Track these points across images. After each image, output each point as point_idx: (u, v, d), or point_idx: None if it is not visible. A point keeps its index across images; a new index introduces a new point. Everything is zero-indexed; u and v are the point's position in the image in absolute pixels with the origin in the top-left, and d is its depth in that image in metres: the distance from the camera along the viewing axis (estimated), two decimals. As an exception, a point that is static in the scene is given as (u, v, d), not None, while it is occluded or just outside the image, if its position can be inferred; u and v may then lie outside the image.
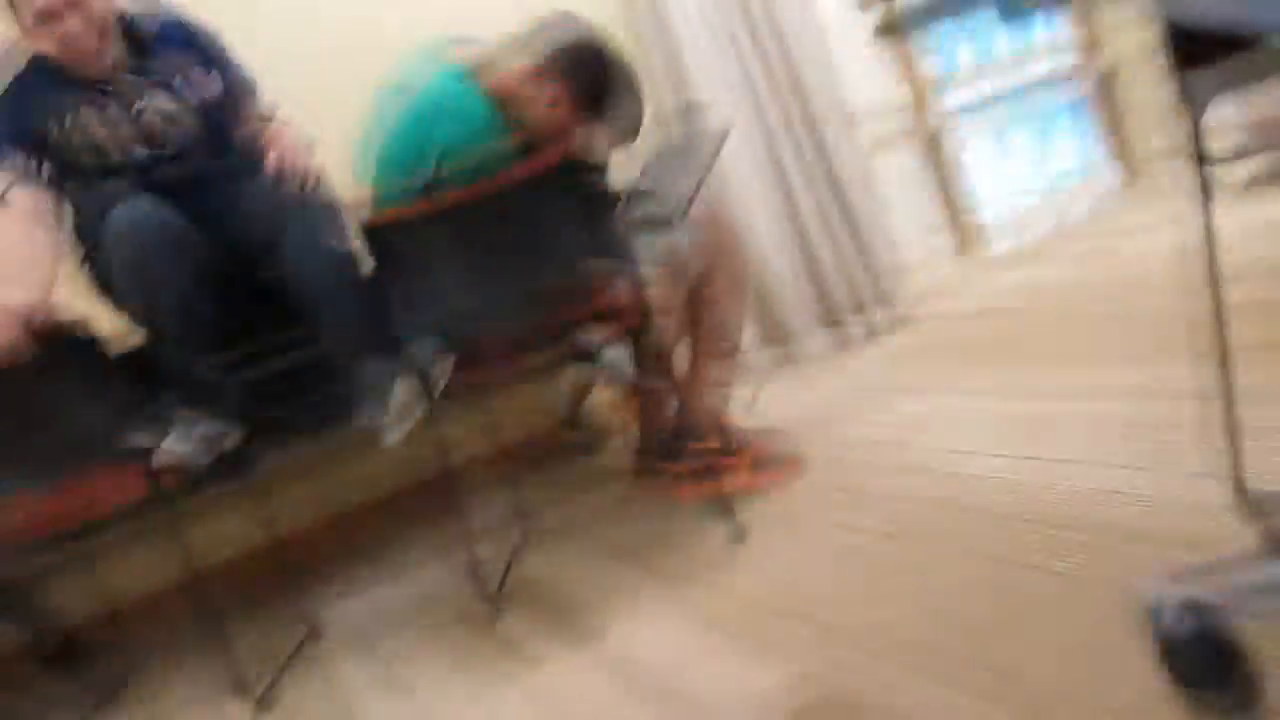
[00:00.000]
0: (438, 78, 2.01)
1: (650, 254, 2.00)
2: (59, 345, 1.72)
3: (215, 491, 2.27)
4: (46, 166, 2.05)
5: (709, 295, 2.12)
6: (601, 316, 2.00)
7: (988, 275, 3.66)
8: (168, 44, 2.18)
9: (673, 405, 2.46)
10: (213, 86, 2.23)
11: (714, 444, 2.03)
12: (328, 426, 2.44)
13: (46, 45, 2.01)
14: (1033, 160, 4.82)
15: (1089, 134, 4.62)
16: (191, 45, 2.23)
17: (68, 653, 2.54)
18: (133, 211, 1.94)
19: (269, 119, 2.33)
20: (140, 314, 1.98)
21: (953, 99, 4.07)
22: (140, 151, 2.14)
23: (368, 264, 2.03)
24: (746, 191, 3.12)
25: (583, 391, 2.99)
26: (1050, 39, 4.47)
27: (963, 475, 1.80)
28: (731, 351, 2.18)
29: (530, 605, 1.92)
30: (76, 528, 1.92)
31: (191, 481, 1.99)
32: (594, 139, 1.97)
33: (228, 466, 2.09)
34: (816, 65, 3.29)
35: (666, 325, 2.01)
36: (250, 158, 2.19)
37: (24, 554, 1.97)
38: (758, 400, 2.62)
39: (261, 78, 2.35)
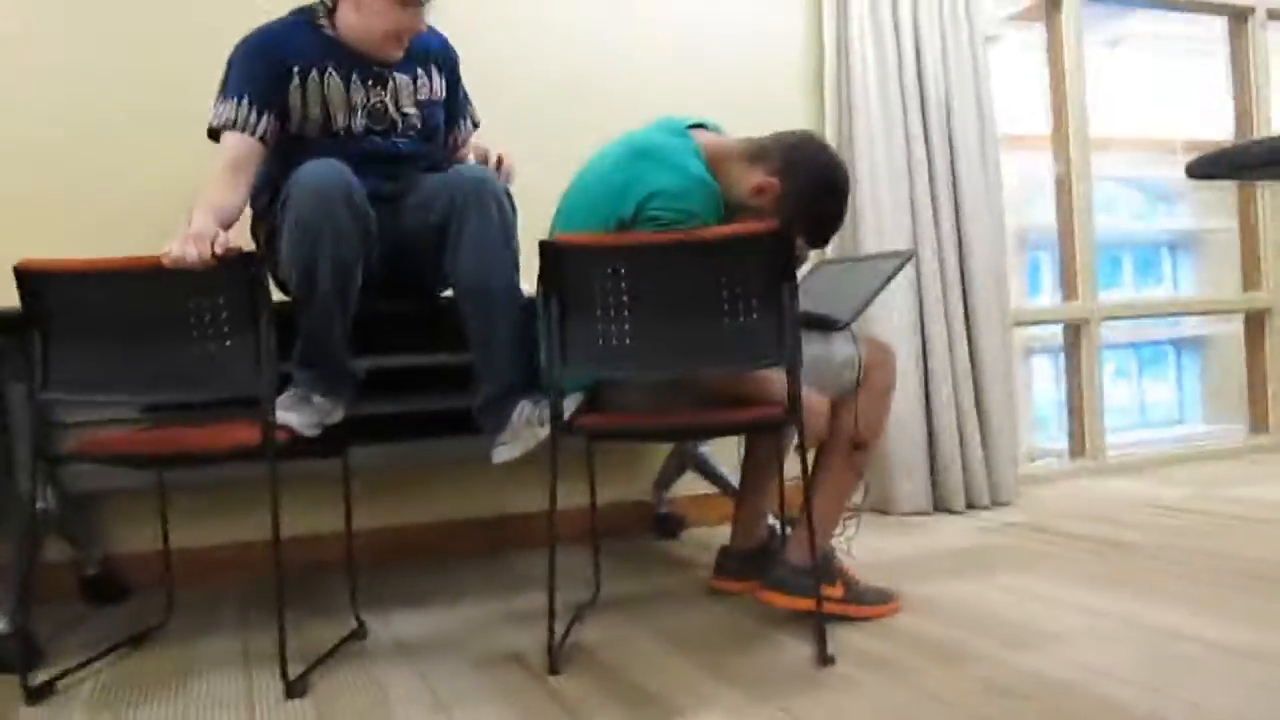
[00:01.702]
0: (668, 135, 2.01)
1: (811, 355, 1.95)
2: (233, 266, 1.73)
3: (311, 462, 2.24)
4: (268, 119, 2.14)
5: (852, 413, 2.05)
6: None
7: (1104, 489, 3.55)
8: (422, 45, 2.31)
9: (770, 516, 2.40)
10: (439, 92, 2.37)
11: (815, 565, 1.93)
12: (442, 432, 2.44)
13: (379, 20, 2.15)
14: (1169, 390, 4.79)
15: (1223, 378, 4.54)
16: (439, 53, 2.37)
17: (112, 582, 2.52)
18: (325, 168, 1.96)
19: (466, 140, 2.50)
20: (295, 271, 1.98)
21: (1108, 321, 3.99)
22: (360, 123, 2.23)
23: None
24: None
25: (679, 471, 2.93)
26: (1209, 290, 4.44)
27: (1066, 675, 1.69)
28: (856, 477, 2.10)
29: (588, 671, 1.83)
30: (175, 455, 1.90)
31: (297, 447, 1.97)
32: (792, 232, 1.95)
33: (327, 444, 2.08)
34: (988, 269, 3.32)
35: (808, 430, 1.94)
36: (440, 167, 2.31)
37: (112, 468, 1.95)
38: (854, 535, 2.54)
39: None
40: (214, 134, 2.14)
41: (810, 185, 1.98)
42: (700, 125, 2.10)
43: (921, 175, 3.25)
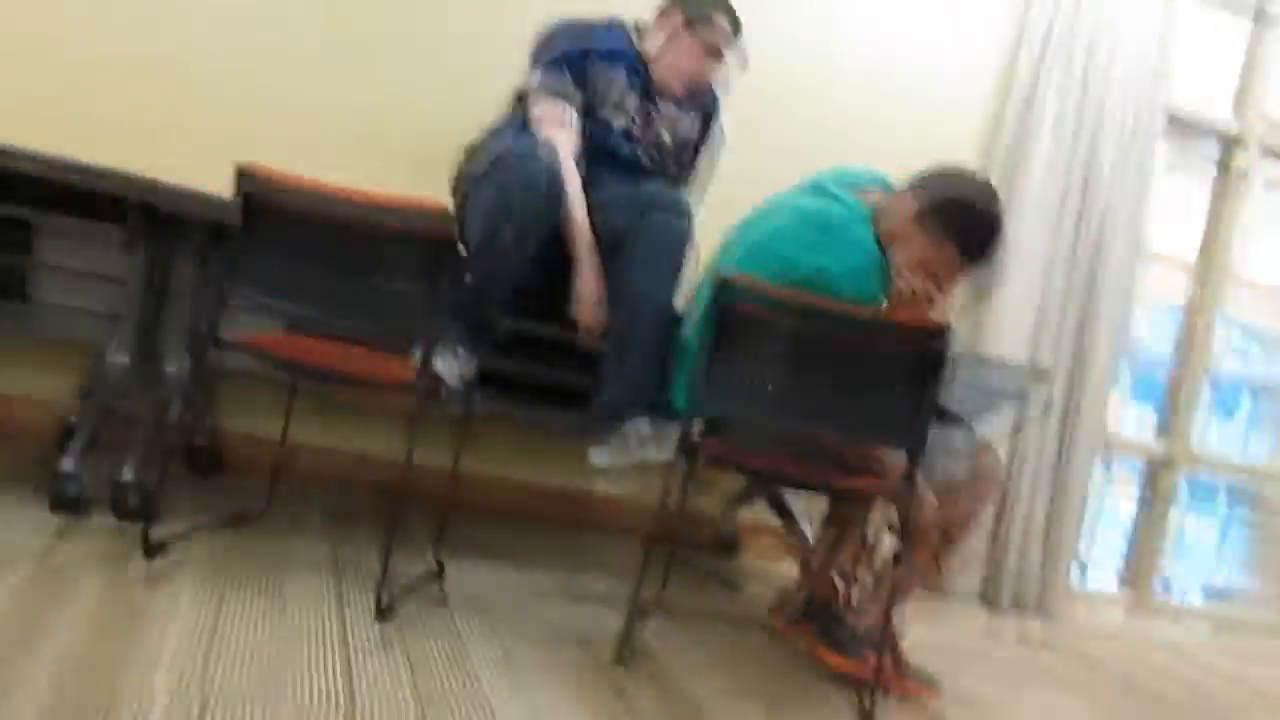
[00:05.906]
0: (847, 208, 2.08)
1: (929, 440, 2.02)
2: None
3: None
4: (582, 98, 2.38)
5: (950, 510, 2.13)
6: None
7: (1145, 629, 3.62)
8: (702, 96, 2.58)
9: (839, 575, 2.48)
10: (694, 133, 2.62)
11: (881, 636, 2.02)
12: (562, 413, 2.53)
13: (684, 60, 2.45)
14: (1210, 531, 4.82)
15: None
16: (708, 98, 2.62)
17: (214, 455, 2.67)
18: (542, 148, 2.13)
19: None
20: (482, 227, 2.11)
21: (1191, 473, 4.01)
22: (619, 123, 2.44)
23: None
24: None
25: (753, 498, 3.01)
26: None
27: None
28: (937, 567, 2.18)
29: (648, 672, 1.93)
30: (339, 375, 2.04)
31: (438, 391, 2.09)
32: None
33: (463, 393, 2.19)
34: (1095, 388, 3.37)
35: (915, 520, 2.01)
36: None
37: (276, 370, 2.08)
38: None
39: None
40: (520, 95, 2.40)
41: (942, 188, 2.07)
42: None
43: (1060, 274, 3.28)
